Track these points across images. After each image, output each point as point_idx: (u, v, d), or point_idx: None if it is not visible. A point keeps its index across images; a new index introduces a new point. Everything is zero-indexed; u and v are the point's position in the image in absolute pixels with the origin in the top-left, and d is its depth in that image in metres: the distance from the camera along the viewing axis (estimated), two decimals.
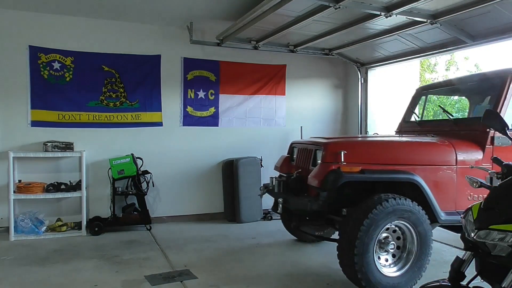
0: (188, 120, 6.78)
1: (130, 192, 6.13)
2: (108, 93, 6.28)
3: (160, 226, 6.28)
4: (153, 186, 6.36)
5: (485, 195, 3.90)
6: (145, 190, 6.18)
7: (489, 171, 2.54)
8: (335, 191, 3.76)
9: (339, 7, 4.54)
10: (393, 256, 3.81)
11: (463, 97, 5.72)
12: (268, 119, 7.31)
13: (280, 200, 4.19)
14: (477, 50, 5.61)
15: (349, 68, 7.71)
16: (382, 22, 5.27)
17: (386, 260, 3.78)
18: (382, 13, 4.74)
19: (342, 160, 3.72)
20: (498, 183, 2.27)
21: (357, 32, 5.87)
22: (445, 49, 5.81)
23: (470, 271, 2.20)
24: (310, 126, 7.28)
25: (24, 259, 4.67)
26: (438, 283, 2.25)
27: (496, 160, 2.49)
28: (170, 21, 6.34)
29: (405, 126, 5.29)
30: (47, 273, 4.20)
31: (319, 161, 4.04)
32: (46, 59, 5.95)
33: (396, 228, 3.78)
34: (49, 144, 5.70)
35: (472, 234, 2.03)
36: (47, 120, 5.96)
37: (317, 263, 4.57)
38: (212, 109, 6.92)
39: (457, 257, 2.20)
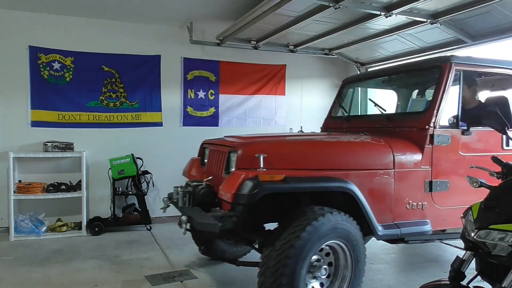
0: (188, 120, 6.78)
1: (130, 192, 6.14)
2: (108, 93, 6.28)
3: (160, 226, 6.28)
4: (153, 186, 6.36)
5: (425, 203, 3.50)
6: (145, 190, 6.18)
7: (488, 171, 2.53)
8: (252, 205, 3.04)
9: (339, 7, 4.54)
10: (321, 285, 3.16)
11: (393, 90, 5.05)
12: (268, 119, 7.31)
13: (184, 219, 3.23)
14: (477, 50, 5.56)
15: (349, 68, 7.71)
16: (382, 22, 5.27)
17: None
18: (382, 13, 4.74)
19: (262, 165, 2.99)
20: (499, 183, 2.27)
21: (357, 32, 5.87)
22: (445, 49, 5.81)
23: (470, 271, 2.20)
24: (310, 126, 7.27)
25: (24, 259, 4.67)
26: (438, 283, 2.24)
27: (496, 160, 2.48)
28: (170, 21, 6.35)
29: (332, 123, 4.77)
30: (47, 273, 4.20)
31: (233, 168, 3.30)
32: (46, 59, 5.95)
33: (330, 251, 3.16)
34: (49, 144, 5.70)
35: (472, 233, 2.03)
36: (47, 120, 5.96)
37: None
38: (212, 109, 6.92)
39: (457, 256, 2.19)
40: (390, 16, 4.75)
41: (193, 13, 6.01)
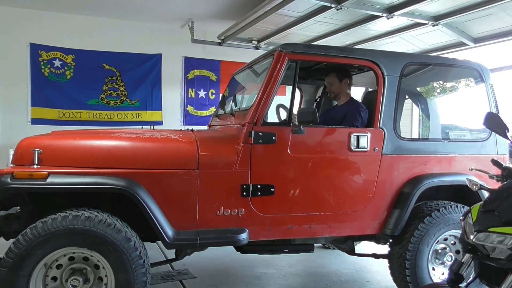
0: (189, 120, 6.79)
1: None
2: (109, 92, 6.28)
3: None
4: None
5: (242, 209, 3.01)
6: None
7: (489, 174, 2.52)
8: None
9: (341, 8, 4.55)
10: None
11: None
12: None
13: None
14: (479, 52, 5.57)
15: None
16: (383, 24, 5.27)
17: None
18: (384, 15, 4.74)
19: (36, 161, 2.72)
20: (498, 186, 2.27)
21: (359, 33, 5.87)
22: (446, 51, 5.82)
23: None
24: None
25: None
26: (436, 285, 2.24)
27: (496, 163, 2.48)
28: (171, 20, 6.35)
29: (213, 120, 4.47)
30: None
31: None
32: (47, 56, 5.96)
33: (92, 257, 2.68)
34: None
35: (471, 236, 2.03)
36: (47, 117, 5.97)
37: (317, 264, 4.57)
38: (213, 109, 6.92)
39: (456, 259, 2.19)
40: (392, 17, 4.75)
41: (194, 12, 6.01)
